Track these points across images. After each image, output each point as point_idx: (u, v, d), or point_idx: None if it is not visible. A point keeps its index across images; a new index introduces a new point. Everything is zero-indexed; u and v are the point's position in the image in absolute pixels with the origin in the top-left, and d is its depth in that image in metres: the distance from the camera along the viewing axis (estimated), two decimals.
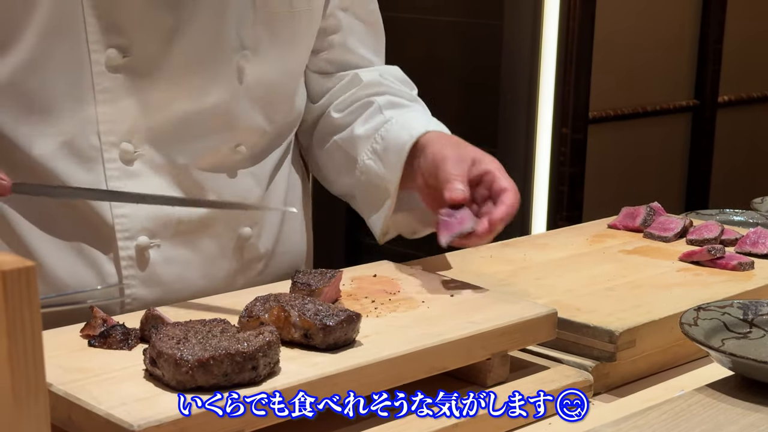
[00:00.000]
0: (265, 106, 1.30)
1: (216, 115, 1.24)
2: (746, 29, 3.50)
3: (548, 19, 2.99)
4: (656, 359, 1.16)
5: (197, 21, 1.20)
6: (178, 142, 1.22)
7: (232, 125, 1.26)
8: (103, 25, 1.15)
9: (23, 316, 0.66)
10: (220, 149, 1.26)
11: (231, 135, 1.27)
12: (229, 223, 1.28)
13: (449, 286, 1.16)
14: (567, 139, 3.03)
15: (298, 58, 1.34)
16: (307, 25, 1.32)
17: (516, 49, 3.07)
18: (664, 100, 3.32)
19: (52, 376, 0.86)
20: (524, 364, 1.10)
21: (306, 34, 1.33)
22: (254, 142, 1.30)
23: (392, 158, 1.30)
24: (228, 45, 1.23)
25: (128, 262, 1.21)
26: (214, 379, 0.86)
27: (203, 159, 1.24)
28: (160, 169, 1.22)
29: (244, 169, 1.29)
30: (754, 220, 1.64)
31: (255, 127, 1.29)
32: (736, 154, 3.59)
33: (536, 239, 1.54)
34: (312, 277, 1.08)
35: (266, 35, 1.26)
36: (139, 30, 1.17)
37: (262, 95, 1.29)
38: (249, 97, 1.27)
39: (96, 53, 1.16)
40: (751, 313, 1.13)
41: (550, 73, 3.02)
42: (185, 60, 1.20)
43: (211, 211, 1.25)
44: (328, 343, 0.95)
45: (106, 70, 1.17)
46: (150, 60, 1.18)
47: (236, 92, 1.25)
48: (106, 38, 1.16)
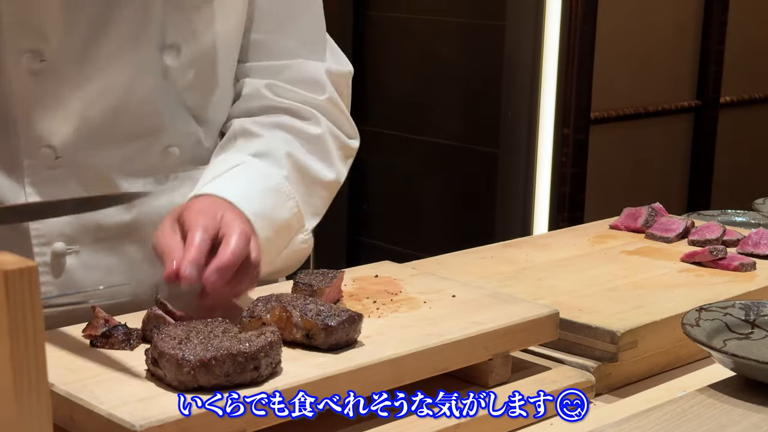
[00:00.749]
0: (195, 104, 1.24)
1: (142, 117, 1.20)
2: (748, 30, 3.50)
3: (550, 20, 2.99)
4: (658, 360, 1.16)
5: (116, 21, 1.16)
6: (103, 146, 1.19)
7: (159, 126, 1.22)
8: (20, 29, 1.12)
9: (25, 315, 0.66)
10: (148, 152, 1.21)
11: (159, 137, 1.22)
12: (155, 228, 1.18)
13: (451, 287, 1.16)
14: (569, 140, 3.03)
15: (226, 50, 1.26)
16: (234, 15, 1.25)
17: (518, 50, 3.07)
18: (667, 100, 3.32)
19: (54, 375, 0.86)
20: (526, 364, 1.10)
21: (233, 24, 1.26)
22: (189, 145, 1.25)
23: None
24: (152, 44, 1.19)
25: (43, 269, 1.18)
26: (216, 379, 0.86)
27: (129, 163, 1.20)
28: (83, 175, 1.18)
29: (182, 172, 1.24)
30: (756, 221, 1.64)
31: (185, 128, 1.24)
32: (738, 154, 3.59)
33: (538, 240, 1.54)
34: (314, 277, 1.08)
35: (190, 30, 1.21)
36: (57, 35, 1.14)
37: (191, 92, 1.23)
38: (176, 95, 1.22)
39: (13, 57, 1.13)
40: (752, 313, 1.13)
41: (552, 74, 3.02)
42: (105, 62, 1.16)
43: (136, 218, 1.21)
44: (329, 343, 0.95)
45: (24, 73, 1.14)
46: (69, 63, 1.15)
47: (162, 92, 1.21)
48: (23, 42, 1.13)
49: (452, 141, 3.35)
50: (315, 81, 1.31)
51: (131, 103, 1.19)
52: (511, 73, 3.10)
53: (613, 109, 3.16)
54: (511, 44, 3.09)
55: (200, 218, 1.05)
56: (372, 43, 3.53)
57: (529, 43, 3.02)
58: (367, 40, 3.53)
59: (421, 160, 3.46)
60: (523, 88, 3.06)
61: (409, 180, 3.48)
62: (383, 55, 3.52)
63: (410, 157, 3.46)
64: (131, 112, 1.19)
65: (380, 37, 3.52)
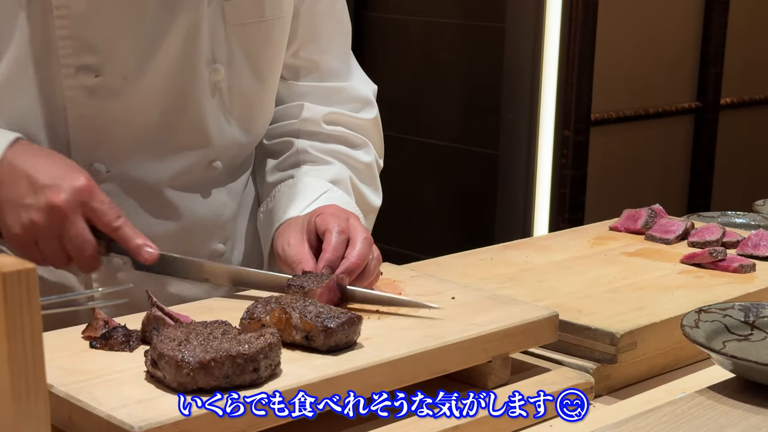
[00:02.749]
0: (241, 118, 1.29)
1: (190, 132, 1.24)
2: (748, 31, 3.50)
3: (550, 22, 2.99)
4: (657, 361, 1.16)
5: (170, 40, 1.19)
6: (151, 160, 1.22)
7: (207, 141, 1.26)
8: (76, 46, 1.15)
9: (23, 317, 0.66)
10: (195, 166, 1.25)
11: (206, 151, 1.26)
12: (202, 239, 1.27)
13: (450, 288, 1.16)
14: (569, 141, 3.03)
15: (272, 66, 1.32)
16: (280, 33, 1.31)
17: (518, 52, 3.07)
18: (667, 102, 3.32)
19: (54, 377, 0.86)
20: (525, 366, 1.10)
21: (279, 42, 1.31)
22: (231, 158, 1.30)
23: (263, 232, 1.31)
24: (200, 61, 1.22)
25: (98, 275, 1.21)
26: (215, 380, 0.86)
27: (177, 177, 1.24)
28: (132, 188, 1.21)
29: (219, 188, 1.29)
30: (755, 223, 1.64)
31: (231, 142, 1.29)
32: (738, 156, 3.59)
33: (538, 241, 1.54)
34: (306, 279, 1.08)
35: (238, 47, 1.26)
36: (111, 50, 1.16)
37: (239, 108, 1.28)
38: (224, 110, 1.26)
39: (68, 76, 1.15)
40: (752, 315, 1.13)
41: (552, 76, 3.02)
42: (158, 80, 1.19)
43: (185, 229, 1.25)
44: (329, 345, 0.95)
45: (78, 91, 1.16)
46: (122, 79, 1.17)
47: (210, 106, 1.24)
48: (78, 59, 1.15)
49: (452, 143, 3.35)
50: (366, 101, 1.42)
51: (180, 119, 1.23)
52: (511, 75, 3.10)
53: (614, 110, 3.16)
54: (511, 46, 3.09)
55: (335, 221, 1.15)
56: (372, 44, 3.53)
57: (529, 44, 3.02)
58: (366, 41, 3.53)
59: (421, 162, 3.47)
60: (523, 90, 3.07)
61: (409, 182, 3.48)
62: (383, 57, 3.52)
63: (410, 159, 3.46)
64: (180, 127, 1.23)
65: (380, 39, 3.52)
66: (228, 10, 1.23)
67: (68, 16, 1.14)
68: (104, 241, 1.06)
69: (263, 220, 1.31)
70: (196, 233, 1.27)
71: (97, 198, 1.04)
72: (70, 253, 1.05)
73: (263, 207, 1.33)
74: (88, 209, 1.04)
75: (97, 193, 1.04)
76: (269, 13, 1.27)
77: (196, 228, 1.27)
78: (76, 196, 1.03)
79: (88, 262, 1.05)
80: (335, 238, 1.13)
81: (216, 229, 1.29)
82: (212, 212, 1.28)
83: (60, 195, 1.02)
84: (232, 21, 1.24)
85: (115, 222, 1.05)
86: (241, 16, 1.25)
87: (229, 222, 1.32)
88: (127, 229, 1.06)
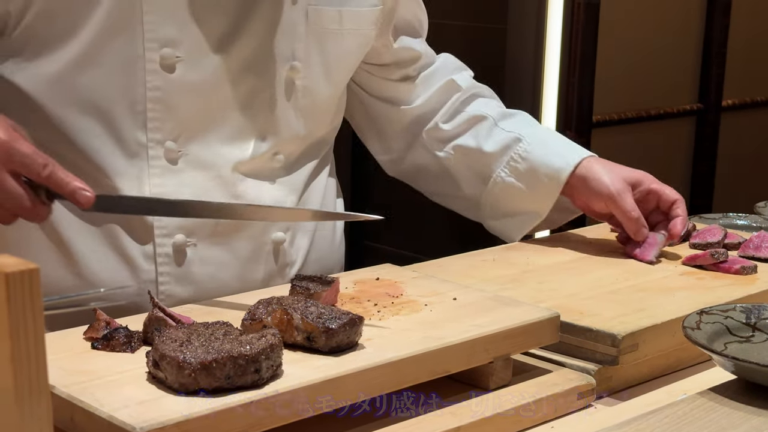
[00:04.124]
0: (308, 117, 1.32)
1: (261, 122, 1.27)
2: (750, 33, 3.50)
3: (552, 23, 2.99)
4: (659, 363, 1.16)
5: (251, 28, 1.23)
6: (222, 145, 1.24)
7: (275, 133, 1.29)
8: (159, 24, 1.18)
9: (26, 318, 0.66)
10: (261, 155, 1.28)
11: (273, 143, 1.29)
12: (264, 227, 1.29)
13: (452, 290, 1.16)
14: None
15: (344, 74, 1.37)
16: (356, 45, 1.36)
17: (520, 53, 3.06)
18: (668, 103, 3.32)
19: (55, 378, 0.86)
20: (527, 367, 1.10)
21: (354, 53, 1.36)
22: (291, 151, 1.32)
23: (544, 182, 1.43)
24: (279, 55, 1.26)
25: (164, 259, 1.23)
26: (217, 381, 0.86)
27: (243, 164, 1.26)
28: (202, 169, 1.23)
29: (281, 178, 1.31)
30: (757, 224, 1.64)
31: (295, 137, 1.32)
32: (740, 158, 3.59)
33: (540, 243, 1.54)
34: (311, 281, 1.08)
35: (316, 49, 1.30)
36: (194, 32, 1.20)
37: (307, 106, 1.31)
38: (295, 107, 1.30)
39: (150, 51, 1.18)
40: (753, 316, 1.13)
41: (553, 77, 3.02)
42: (236, 65, 1.23)
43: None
44: (330, 346, 0.95)
45: (159, 68, 1.19)
46: (202, 62, 1.21)
47: (283, 102, 1.28)
48: (161, 37, 1.18)
49: None
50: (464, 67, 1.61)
51: (254, 108, 1.26)
52: (512, 77, 3.10)
53: (615, 112, 3.16)
54: (512, 47, 3.09)
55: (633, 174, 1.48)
56: None
57: (531, 46, 3.02)
58: None
59: None
60: (524, 91, 3.06)
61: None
62: None
63: None
64: (253, 116, 1.26)
65: None
66: (311, 12, 1.28)
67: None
68: (43, 189, 1.05)
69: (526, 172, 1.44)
70: (262, 222, 1.28)
71: (18, 151, 1.02)
72: (9, 208, 1.04)
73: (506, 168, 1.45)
74: (11, 162, 1.02)
75: (17, 145, 1.02)
76: (348, 25, 1.32)
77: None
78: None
79: (31, 213, 1.05)
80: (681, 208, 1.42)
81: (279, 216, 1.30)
82: (274, 200, 1.30)
83: None
84: (314, 24, 1.29)
85: (43, 171, 1.03)
86: (322, 21, 1.30)
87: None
88: (59, 174, 1.04)
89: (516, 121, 1.50)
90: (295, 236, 1.34)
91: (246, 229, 1.27)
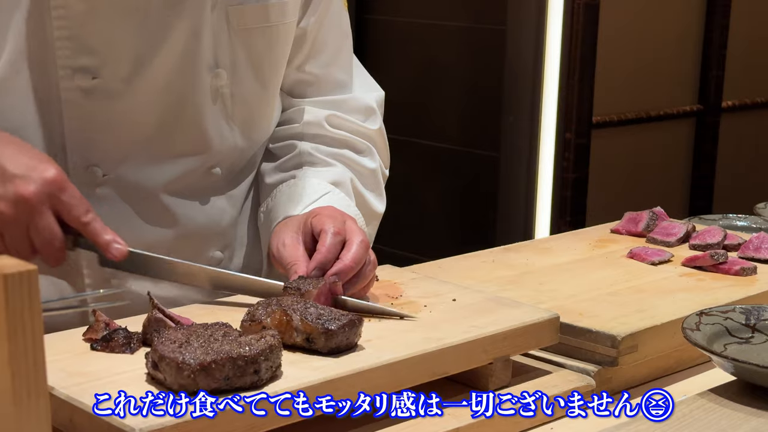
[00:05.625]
0: (243, 124, 1.28)
1: (189, 137, 1.23)
2: (750, 34, 3.50)
3: (552, 24, 2.99)
4: (658, 364, 1.16)
5: (170, 43, 1.18)
6: (149, 165, 1.21)
7: (207, 146, 1.24)
8: (74, 47, 1.14)
9: (24, 319, 0.66)
10: (194, 172, 1.24)
11: (205, 157, 1.25)
12: (200, 247, 1.26)
13: (451, 291, 1.16)
14: (570, 144, 3.03)
15: (276, 73, 1.31)
16: (284, 38, 1.30)
17: (519, 54, 3.07)
18: (668, 105, 3.32)
19: (55, 379, 0.86)
20: (526, 368, 1.10)
21: (282, 47, 1.30)
22: (231, 164, 1.29)
23: (263, 232, 1.29)
24: (202, 65, 1.21)
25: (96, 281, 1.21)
26: (216, 382, 0.86)
27: (174, 183, 1.23)
28: (129, 193, 1.20)
29: (218, 196, 1.28)
30: (757, 225, 1.64)
31: (231, 148, 1.27)
32: (740, 159, 3.59)
33: (539, 244, 1.54)
34: (302, 282, 1.08)
35: (242, 52, 1.25)
36: (110, 51, 1.15)
37: (241, 113, 1.27)
38: (225, 115, 1.25)
39: (64, 77, 1.14)
40: (753, 318, 1.13)
41: (553, 78, 3.02)
42: (157, 81, 1.18)
43: (181, 236, 1.24)
44: (330, 347, 0.95)
45: (75, 93, 1.15)
46: (120, 82, 1.16)
47: (211, 112, 1.23)
48: (75, 60, 1.14)
49: (453, 145, 3.35)
50: (370, 111, 1.40)
51: (180, 124, 1.21)
52: (512, 77, 3.10)
53: (615, 113, 3.16)
54: (512, 48, 3.09)
55: (331, 222, 1.13)
56: (373, 47, 3.53)
57: (531, 47, 3.02)
58: (368, 44, 3.53)
59: (422, 164, 3.47)
60: (524, 92, 3.07)
61: (410, 184, 3.48)
62: (384, 60, 3.52)
63: (411, 161, 3.46)
64: (179, 132, 1.22)
65: (382, 42, 3.52)
66: (232, 14, 1.22)
67: (66, 16, 1.12)
68: (72, 235, 1.05)
69: (263, 220, 1.30)
70: (194, 240, 1.25)
71: (67, 191, 1.02)
72: (37, 246, 1.03)
73: (263, 207, 1.32)
74: (58, 202, 1.02)
75: (68, 185, 1.02)
76: (274, 19, 1.26)
77: (194, 235, 1.25)
78: (45, 188, 1.01)
79: (55, 255, 1.04)
80: (330, 239, 1.11)
81: (214, 237, 1.28)
82: (210, 219, 1.27)
83: (29, 186, 1.00)
84: (237, 25, 1.23)
85: (85, 217, 1.03)
86: (246, 20, 1.24)
87: (229, 229, 1.30)
88: (97, 223, 1.04)
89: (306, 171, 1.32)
90: (233, 254, 1.31)
91: (181, 251, 1.22)
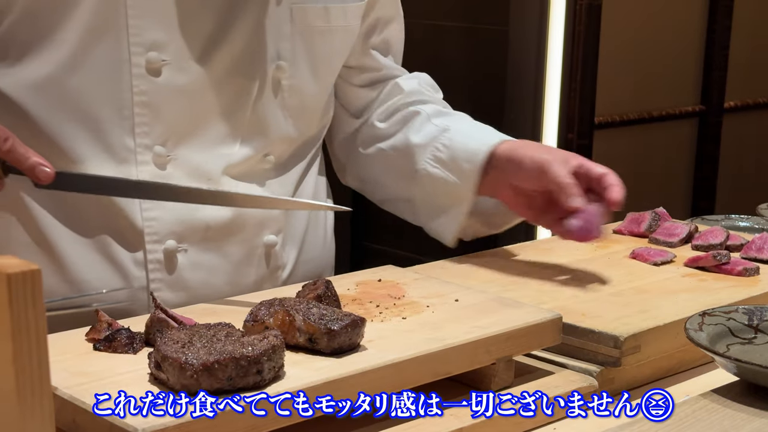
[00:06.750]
0: (297, 117, 1.32)
1: (250, 124, 1.26)
2: (753, 35, 3.50)
3: (554, 25, 2.99)
4: (661, 364, 1.16)
5: (236, 30, 1.22)
6: (211, 148, 1.24)
7: (264, 134, 1.28)
8: (145, 28, 1.17)
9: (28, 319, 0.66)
10: (251, 157, 1.27)
11: (262, 144, 1.28)
12: (255, 230, 1.29)
13: (454, 291, 1.16)
14: (573, 145, 3.03)
15: (332, 72, 1.37)
16: (342, 42, 1.35)
17: (522, 55, 3.07)
18: (671, 105, 3.32)
19: (57, 379, 0.86)
20: (529, 369, 1.10)
21: (341, 50, 1.36)
22: (281, 152, 1.32)
23: (464, 167, 1.34)
24: (265, 55, 1.25)
25: (156, 266, 1.22)
26: (219, 383, 0.86)
27: (233, 167, 1.26)
28: (191, 174, 1.23)
29: (271, 179, 1.31)
30: (759, 226, 1.64)
31: (285, 137, 1.31)
32: (742, 159, 3.59)
33: (541, 244, 1.54)
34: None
35: (302, 48, 1.29)
36: (180, 35, 1.19)
37: (295, 106, 1.31)
38: (282, 107, 1.29)
39: (136, 55, 1.17)
40: (756, 318, 1.13)
41: (555, 79, 3.02)
42: (222, 67, 1.22)
43: (238, 218, 1.26)
44: (332, 347, 0.95)
45: (145, 72, 1.18)
46: (188, 65, 1.20)
47: (271, 102, 1.27)
48: (146, 41, 1.17)
49: None
50: (435, 86, 1.53)
51: (242, 110, 1.25)
52: (514, 78, 3.10)
53: (617, 113, 3.16)
54: (514, 49, 3.09)
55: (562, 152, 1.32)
56: None
57: (533, 47, 3.02)
58: None
59: None
60: (526, 93, 3.06)
61: None
62: None
63: None
64: (241, 118, 1.25)
65: None
66: (296, 12, 1.27)
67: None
68: (0, 163, 1.05)
69: (448, 160, 1.36)
70: (249, 223, 1.28)
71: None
72: None
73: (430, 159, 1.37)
74: None
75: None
76: (334, 22, 1.31)
77: (249, 218, 1.28)
78: None
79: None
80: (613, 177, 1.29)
81: (268, 221, 1.30)
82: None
83: None
84: (299, 23, 1.28)
85: (3, 145, 1.04)
86: (307, 19, 1.29)
87: (282, 214, 1.32)
88: (18, 149, 1.05)
89: (450, 118, 1.42)
90: (286, 239, 1.33)
91: (238, 233, 1.27)
